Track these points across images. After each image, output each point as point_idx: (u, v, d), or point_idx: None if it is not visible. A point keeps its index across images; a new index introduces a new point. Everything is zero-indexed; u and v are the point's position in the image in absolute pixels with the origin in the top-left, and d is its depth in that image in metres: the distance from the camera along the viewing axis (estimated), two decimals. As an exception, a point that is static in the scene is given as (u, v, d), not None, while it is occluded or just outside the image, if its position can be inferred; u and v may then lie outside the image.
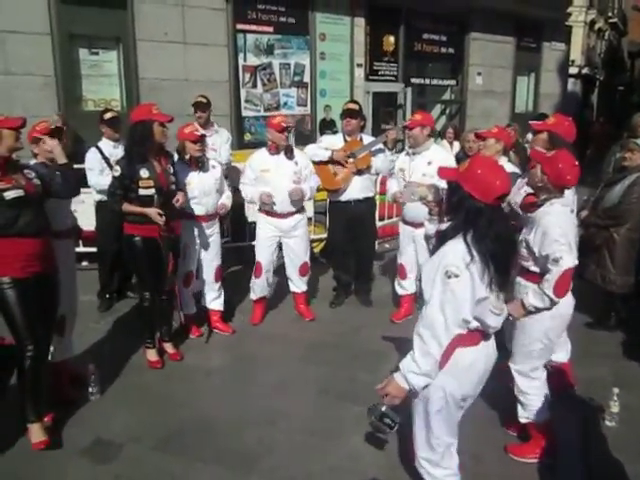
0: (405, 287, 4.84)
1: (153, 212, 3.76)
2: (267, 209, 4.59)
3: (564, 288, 2.78)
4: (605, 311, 4.67)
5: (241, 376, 4.04)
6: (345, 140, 4.92)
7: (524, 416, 3.05)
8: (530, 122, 3.90)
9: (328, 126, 9.63)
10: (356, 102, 5.17)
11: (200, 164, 4.30)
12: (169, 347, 4.21)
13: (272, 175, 4.53)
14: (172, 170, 3.96)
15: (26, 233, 2.96)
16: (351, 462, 3.07)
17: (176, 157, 4.23)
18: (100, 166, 4.91)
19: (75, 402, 3.58)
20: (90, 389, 3.63)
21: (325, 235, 6.39)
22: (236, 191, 6.00)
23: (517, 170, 3.99)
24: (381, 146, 4.98)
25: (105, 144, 5.03)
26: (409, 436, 2.60)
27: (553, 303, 2.79)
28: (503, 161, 3.84)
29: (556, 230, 2.77)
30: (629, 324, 4.61)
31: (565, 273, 2.74)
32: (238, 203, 6.26)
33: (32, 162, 3.36)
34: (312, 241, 6.51)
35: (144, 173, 3.78)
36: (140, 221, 3.80)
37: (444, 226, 2.38)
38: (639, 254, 4.43)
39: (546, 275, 2.77)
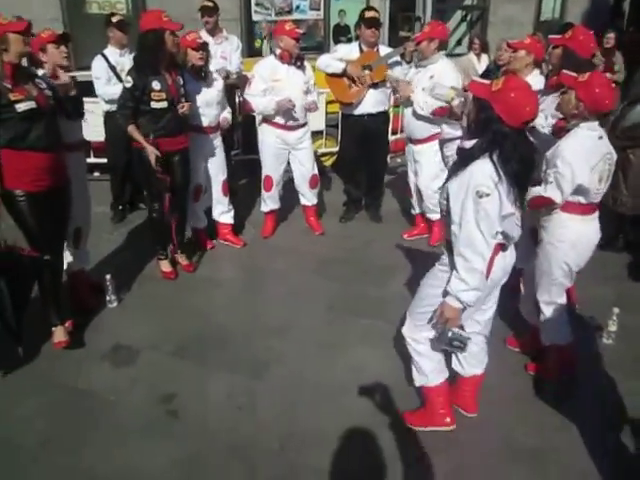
0: (414, 206, 4.86)
1: (151, 152, 3.73)
2: (284, 118, 4.49)
3: (536, 207, 2.88)
4: (614, 232, 4.66)
5: (252, 288, 4.17)
6: (361, 50, 4.71)
7: (546, 338, 3.14)
8: (549, 36, 3.70)
9: (342, 32, 9.20)
10: (375, 9, 4.87)
11: (203, 74, 4.16)
12: (182, 259, 4.31)
13: (284, 84, 4.40)
14: (182, 82, 3.85)
15: (37, 147, 2.94)
16: (356, 373, 3.22)
17: None
18: (107, 75, 4.78)
19: (94, 310, 3.74)
20: (107, 297, 3.78)
21: (336, 149, 6.31)
22: (246, 101, 5.87)
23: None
24: (398, 58, 4.76)
25: (111, 52, 4.86)
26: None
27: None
28: (535, 74, 3.67)
29: (565, 154, 2.72)
30: (637, 247, 4.62)
31: (543, 198, 2.80)
32: (249, 114, 6.15)
33: (40, 72, 3.29)
34: (323, 155, 6.49)
35: (156, 85, 3.69)
36: (147, 135, 3.76)
37: (468, 144, 2.33)
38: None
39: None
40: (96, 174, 6.05)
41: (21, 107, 2.86)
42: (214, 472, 2.58)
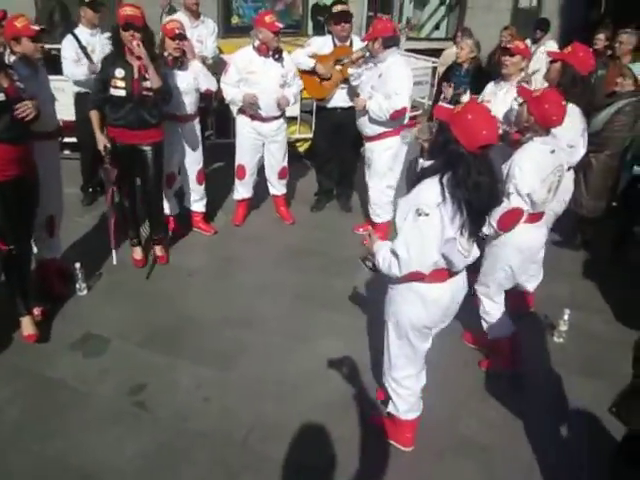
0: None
1: (99, 141, 3.82)
2: (250, 111, 4.53)
3: (508, 224, 2.92)
4: (573, 231, 4.87)
5: (221, 277, 4.26)
6: (334, 44, 4.73)
7: (490, 334, 3.33)
8: (548, 51, 3.81)
9: (320, 12, 9.13)
10: (344, 2, 4.85)
11: (179, 63, 4.16)
12: (158, 249, 4.35)
13: (258, 77, 4.41)
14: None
15: (4, 139, 2.93)
16: (320, 365, 3.36)
17: None
18: (76, 55, 4.69)
19: (64, 298, 3.79)
20: (77, 285, 3.83)
21: (310, 135, 6.35)
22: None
23: None
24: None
25: (82, 31, 4.76)
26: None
27: (497, 233, 2.97)
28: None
29: (520, 165, 2.84)
30: (593, 245, 4.85)
31: (511, 211, 2.88)
32: (222, 98, 6.13)
33: (12, 58, 3.26)
34: (297, 140, 6.52)
35: (119, 73, 3.71)
36: (111, 123, 3.82)
37: (426, 164, 2.42)
38: (614, 181, 4.53)
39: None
40: (66, 152, 5.97)
41: None
42: (180, 463, 2.70)
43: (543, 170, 2.89)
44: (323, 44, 4.78)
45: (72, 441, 2.76)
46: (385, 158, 4.50)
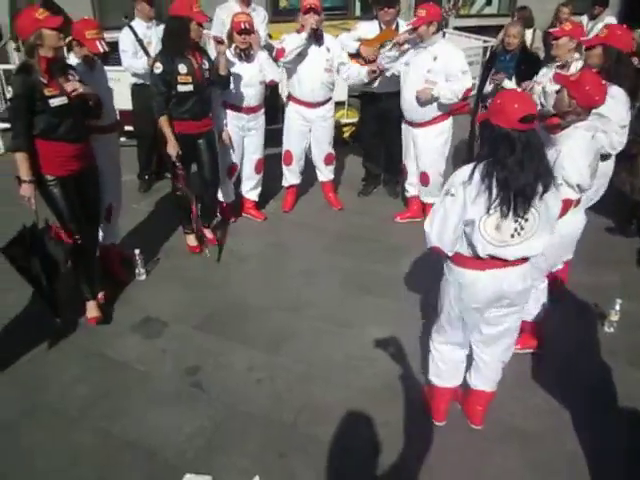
0: (408, 189, 4.96)
1: (172, 147, 3.90)
2: (300, 95, 4.60)
3: (559, 215, 2.85)
4: (628, 218, 4.74)
5: (271, 263, 4.40)
6: (381, 28, 4.73)
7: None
8: (582, 40, 3.69)
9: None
10: None
11: (245, 56, 4.26)
12: (207, 232, 4.53)
13: (303, 61, 4.48)
14: (207, 65, 3.97)
15: (66, 139, 3.13)
16: (367, 350, 3.47)
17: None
18: (134, 48, 4.89)
19: (124, 282, 4.02)
20: (137, 271, 4.05)
21: (357, 119, 6.37)
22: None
23: None
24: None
25: (138, 24, 4.94)
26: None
27: None
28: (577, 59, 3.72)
29: (571, 155, 2.81)
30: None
31: (562, 202, 2.81)
32: (274, 87, 6.21)
33: (73, 60, 3.44)
34: (344, 125, 6.56)
35: (182, 68, 3.83)
36: (177, 117, 3.92)
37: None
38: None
39: None
40: (122, 139, 6.21)
41: (55, 102, 3.03)
42: (233, 440, 2.86)
43: (590, 157, 2.87)
44: (370, 29, 4.79)
45: (135, 419, 2.96)
46: (438, 143, 4.52)
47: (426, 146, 4.55)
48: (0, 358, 3.29)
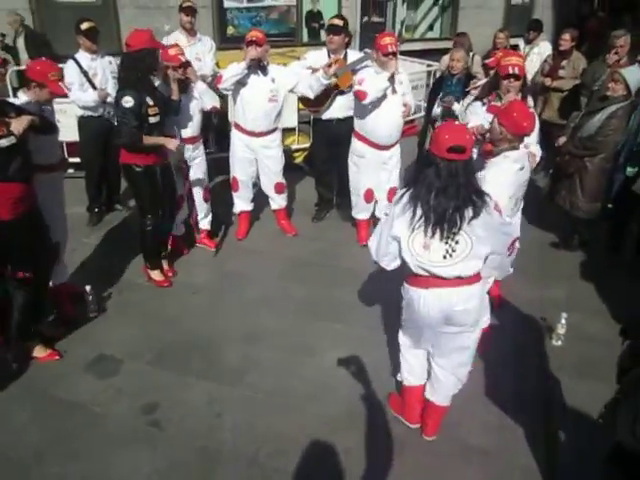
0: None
1: (168, 141, 3.90)
2: (244, 124, 4.63)
3: None
4: (570, 233, 4.97)
5: (226, 292, 4.37)
6: (329, 57, 4.83)
7: None
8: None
9: (315, 18, 9.24)
10: (342, 17, 4.98)
11: (183, 87, 4.27)
12: (165, 264, 4.50)
13: (246, 91, 4.52)
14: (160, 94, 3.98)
15: (16, 179, 3.06)
16: (327, 377, 3.49)
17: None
18: (80, 80, 4.81)
19: (76, 320, 3.91)
20: (88, 307, 3.96)
21: (308, 144, 6.46)
22: (221, 98, 5.98)
23: None
24: (369, 62, 4.87)
25: (82, 56, 4.87)
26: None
27: None
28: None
29: (491, 183, 2.90)
30: (589, 245, 4.95)
31: None
32: (223, 112, 6.25)
33: (22, 99, 3.39)
34: (296, 150, 6.63)
35: (149, 100, 3.83)
36: (136, 150, 3.89)
37: None
38: (608, 182, 4.61)
39: None
40: (70, 171, 6.09)
41: (3, 143, 2.95)
42: (195, 479, 2.83)
43: (512, 189, 3.02)
44: (319, 57, 4.88)
45: (91, 462, 2.88)
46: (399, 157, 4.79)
47: (395, 162, 4.78)
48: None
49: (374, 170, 4.79)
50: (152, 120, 3.86)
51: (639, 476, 2.06)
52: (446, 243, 2.48)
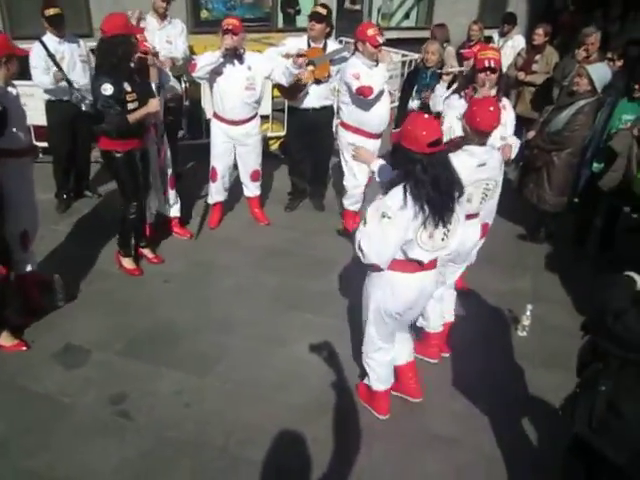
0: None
1: (150, 104, 3.86)
2: (223, 113, 4.58)
3: None
4: (536, 226, 5.08)
5: (198, 281, 4.35)
6: (309, 45, 4.81)
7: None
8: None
9: (291, 3, 9.14)
10: (325, 6, 4.93)
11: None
12: (148, 252, 4.48)
13: (223, 80, 4.47)
14: (138, 80, 3.91)
15: None
16: (297, 367, 3.52)
17: None
18: (45, 64, 4.62)
19: (43, 309, 3.85)
20: (56, 296, 3.90)
21: (283, 133, 6.44)
22: (192, 84, 5.91)
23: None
24: (346, 54, 4.85)
25: (49, 39, 4.68)
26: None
27: None
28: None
29: None
30: (555, 238, 5.07)
31: None
32: (195, 98, 6.18)
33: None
34: (269, 138, 6.60)
35: (127, 87, 3.78)
36: (118, 136, 3.83)
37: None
38: (575, 177, 4.72)
39: None
40: (40, 156, 5.96)
41: None
42: (164, 469, 2.84)
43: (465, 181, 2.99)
44: (298, 44, 4.84)
45: (59, 453, 2.86)
46: None
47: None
48: None
49: (223, 149, 4.81)
50: (130, 106, 3.81)
51: (595, 466, 2.13)
52: (444, 227, 2.62)
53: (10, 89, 3.43)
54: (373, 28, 4.45)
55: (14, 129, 3.38)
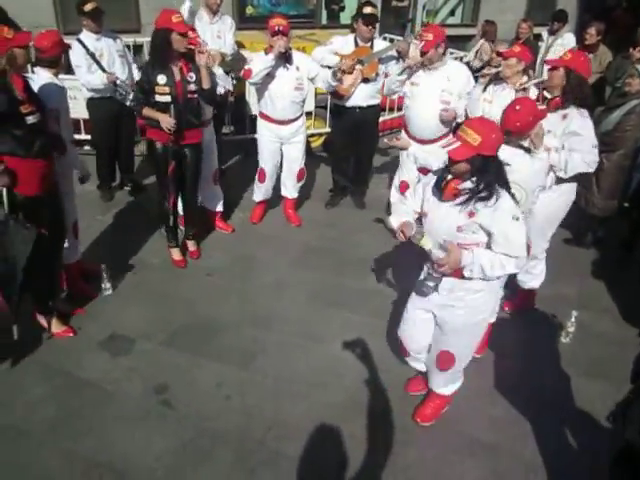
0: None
1: (163, 118, 3.86)
2: (272, 113, 4.62)
3: None
4: (584, 230, 4.94)
5: (239, 276, 4.41)
6: (356, 44, 4.80)
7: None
8: (545, 60, 3.87)
9: (335, 0, 9.13)
10: (375, 5, 4.92)
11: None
12: (191, 245, 4.56)
13: (273, 81, 4.49)
14: (194, 78, 3.92)
15: (41, 156, 3.08)
16: (335, 364, 3.53)
17: None
18: (87, 62, 4.73)
19: (90, 297, 3.97)
20: (103, 285, 4.01)
21: (325, 130, 6.45)
22: (238, 81, 5.97)
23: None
24: (393, 53, 4.81)
25: (87, 37, 4.77)
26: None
27: None
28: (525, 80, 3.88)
29: None
30: (604, 244, 4.92)
31: None
32: (240, 94, 6.24)
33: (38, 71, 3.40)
34: (311, 135, 6.60)
35: (161, 79, 3.82)
36: (160, 127, 3.89)
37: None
38: (626, 180, 4.57)
39: None
40: (86, 148, 6.11)
41: (30, 119, 2.96)
42: (203, 459, 2.89)
43: None
44: (345, 43, 4.84)
45: (103, 439, 2.95)
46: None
47: (434, 161, 4.57)
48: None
49: (271, 150, 4.83)
50: (158, 98, 3.86)
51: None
52: None
53: (57, 82, 3.53)
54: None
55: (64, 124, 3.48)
